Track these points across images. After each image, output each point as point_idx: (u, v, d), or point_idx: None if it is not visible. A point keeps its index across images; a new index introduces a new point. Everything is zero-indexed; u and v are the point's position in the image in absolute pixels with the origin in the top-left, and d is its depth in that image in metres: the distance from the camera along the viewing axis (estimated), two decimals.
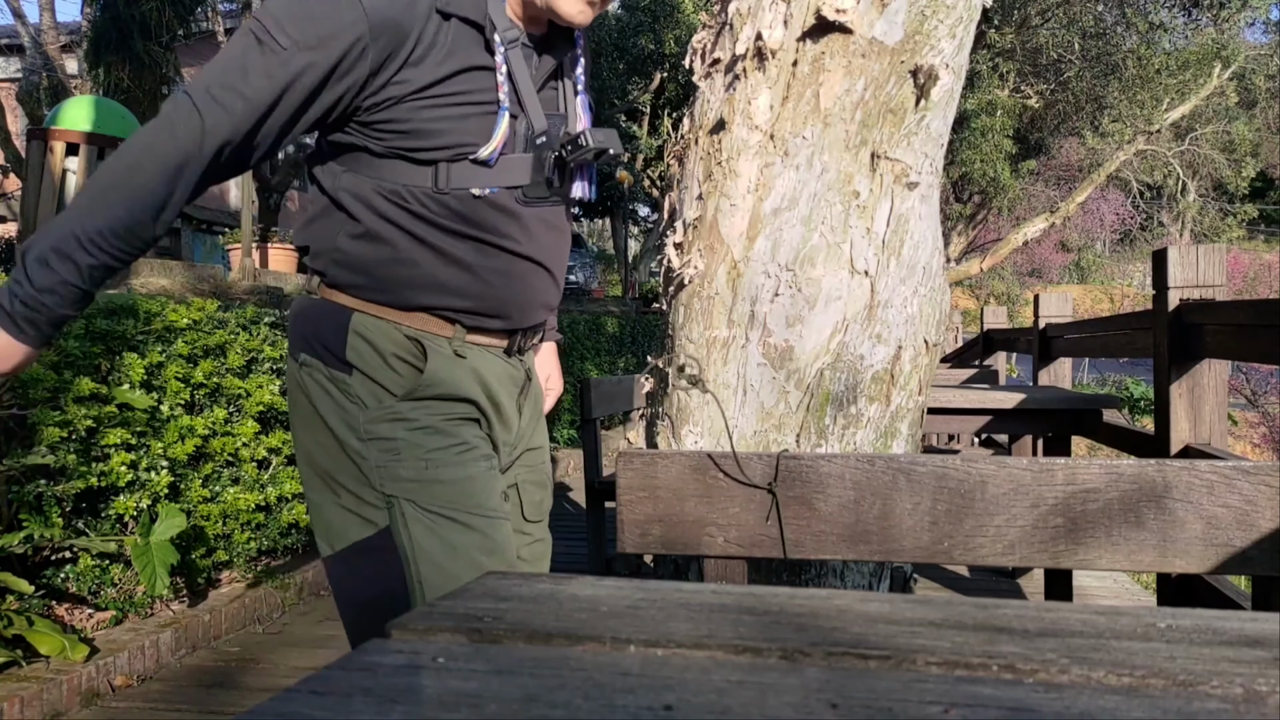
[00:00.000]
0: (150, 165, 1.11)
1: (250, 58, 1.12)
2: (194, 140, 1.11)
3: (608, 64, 18.22)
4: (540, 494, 1.46)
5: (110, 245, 1.11)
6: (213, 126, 1.11)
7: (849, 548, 1.34)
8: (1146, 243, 30.57)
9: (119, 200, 1.10)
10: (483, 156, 1.20)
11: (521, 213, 1.26)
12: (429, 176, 1.20)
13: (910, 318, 1.73)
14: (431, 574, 1.22)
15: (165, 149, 1.11)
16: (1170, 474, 1.28)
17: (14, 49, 16.54)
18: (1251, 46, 19.53)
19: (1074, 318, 4.84)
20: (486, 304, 1.28)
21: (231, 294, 6.08)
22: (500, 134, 1.21)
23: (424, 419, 1.23)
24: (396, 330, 1.25)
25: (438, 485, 1.22)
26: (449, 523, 1.22)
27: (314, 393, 1.26)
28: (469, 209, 1.22)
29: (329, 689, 0.46)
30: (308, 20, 1.12)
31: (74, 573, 2.74)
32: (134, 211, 1.11)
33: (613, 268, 24.92)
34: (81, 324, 2.81)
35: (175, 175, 1.11)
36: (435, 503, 1.22)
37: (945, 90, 1.69)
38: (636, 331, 10.47)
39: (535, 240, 1.29)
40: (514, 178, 1.24)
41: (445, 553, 1.22)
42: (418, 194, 1.21)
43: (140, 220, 1.12)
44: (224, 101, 1.11)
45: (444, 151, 1.19)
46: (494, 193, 1.23)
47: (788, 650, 0.52)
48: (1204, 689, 0.48)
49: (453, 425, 1.25)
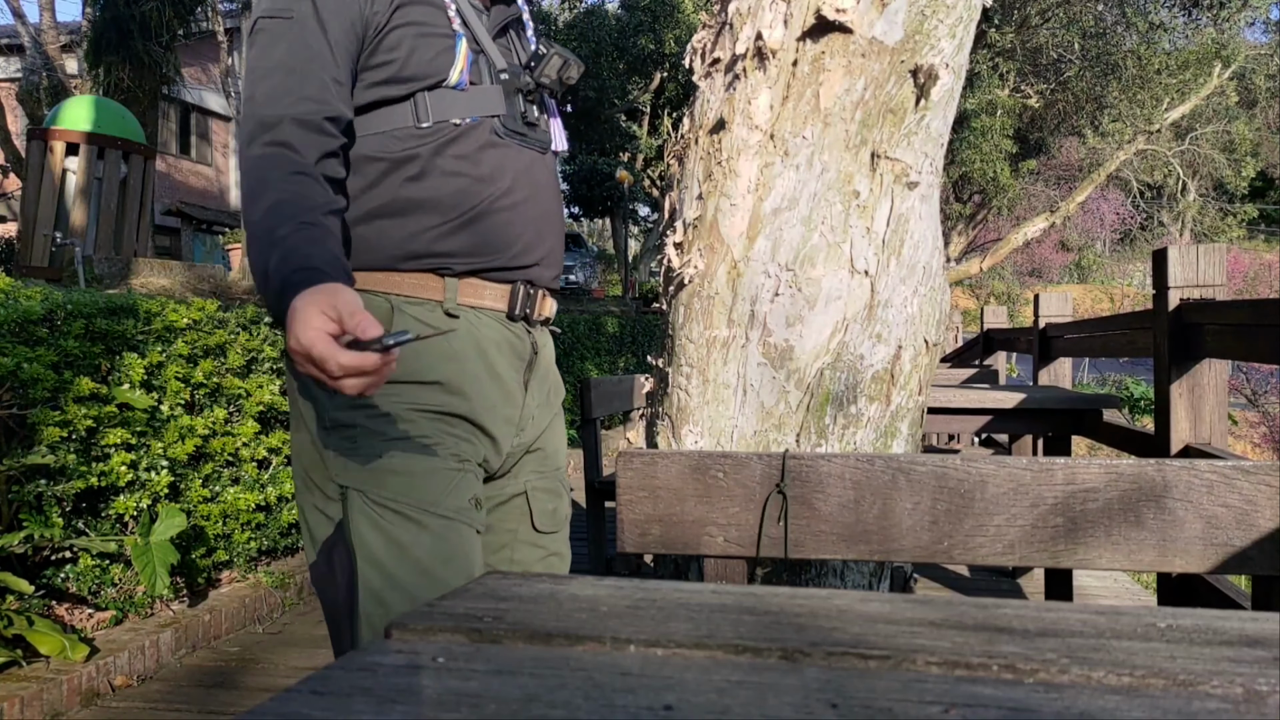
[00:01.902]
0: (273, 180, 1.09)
1: (270, 47, 1.14)
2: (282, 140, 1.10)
3: (608, 64, 18.23)
4: (554, 502, 1.35)
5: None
6: (287, 110, 1.11)
7: (849, 547, 1.34)
8: (1146, 242, 30.57)
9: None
10: (453, 81, 1.21)
11: (505, 146, 1.25)
12: (409, 114, 1.20)
13: (910, 317, 1.73)
14: (371, 575, 1.13)
15: (268, 165, 1.10)
16: (1170, 474, 1.28)
17: (14, 49, 16.56)
18: (1251, 46, 19.52)
19: (1074, 317, 4.84)
20: (479, 241, 1.22)
21: (231, 294, 6.08)
22: (462, 56, 1.21)
23: (386, 405, 1.16)
24: (386, 301, 1.20)
25: (390, 476, 1.14)
26: (397, 517, 1.13)
27: (295, 386, 1.23)
28: (453, 143, 1.21)
29: (329, 689, 0.46)
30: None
31: (74, 573, 2.74)
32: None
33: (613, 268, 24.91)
34: (81, 324, 2.81)
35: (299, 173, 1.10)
36: (385, 494, 1.14)
37: (945, 90, 1.69)
38: (636, 331, 10.47)
39: (524, 177, 1.27)
40: (489, 106, 1.24)
41: (389, 551, 1.13)
42: (400, 135, 1.20)
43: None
44: (284, 87, 1.12)
45: (417, 81, 1.19)
46: (474, 121, 1.22)
47: (788, 650, 0.52)
48: (1204, 689, 0.48)
49: (418, 414, 1.17)
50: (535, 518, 1.33)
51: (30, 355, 2.62)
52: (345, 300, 0.95)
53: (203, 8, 12.16)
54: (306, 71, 1.13)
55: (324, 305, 0.94)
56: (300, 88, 1.12)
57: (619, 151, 19.52)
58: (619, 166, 18.36)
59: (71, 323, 2.79)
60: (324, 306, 0.94)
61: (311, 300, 0.95)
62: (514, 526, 1.32)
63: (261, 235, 1.05)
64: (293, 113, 1.11)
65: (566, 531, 1.39)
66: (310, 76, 1.13)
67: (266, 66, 1.14)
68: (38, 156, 7.40)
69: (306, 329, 0.94)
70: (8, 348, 2.59)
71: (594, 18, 18.88)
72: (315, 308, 0.94)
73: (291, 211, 1.05)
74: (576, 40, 18.03)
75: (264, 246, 1.04)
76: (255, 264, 1.05)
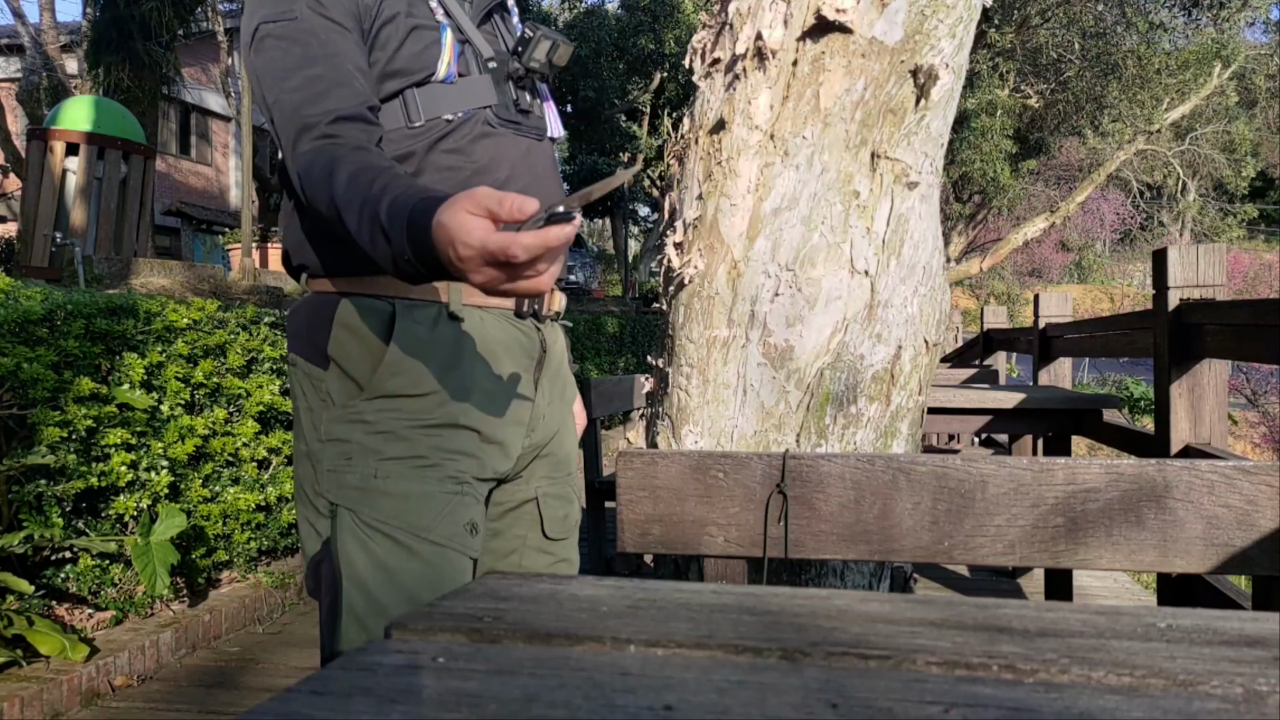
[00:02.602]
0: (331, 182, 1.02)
1: (283, 51, 1.10)
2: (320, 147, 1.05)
3: (608, 64, 18.24)
4: (565, 509, 1.32)
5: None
6: (313, 118, 1.06)
7: (849, 547, 1.34)
8: (1146, 242, 30.59)
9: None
10: (441, 74, 1.17)
11: (501, 135, 1.22)
12: (399, 114, 1.16)
13: (910, 317, 1.73)
14: (356, 598, 1.09)
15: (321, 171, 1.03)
16: (1171, 474, 1.28)
17: (14, 49, 16.56)
18: (1251, 46, 19.53)
19: (1074, 317, 4.84)
20: None
21: (231, 294, 6.08)
22: (449, 47, 1.18)
23: (385, 423, 1.12)
24: (388, 305, 1.15)
25: (382, 497, 1.10)
26: (387, 541, 1.09)
27: (296, 393, 1.19)
28: (446, 138, 1.18)
29: (329, 689, 0.46)
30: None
31: (74, 573, 2.74)
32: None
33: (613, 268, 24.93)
34: (81, 324, 2.81)
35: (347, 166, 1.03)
36: (376, 516, 1.10)
37: (945, 90, 1.69)
38: (636, 331, 10.47)
39: (522, 165, 1.23)
40: (480, 97, 1.20)
41: (375, 575, 1.09)
42: (394, 136, 1.16)
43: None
44: (302, 91, 1.08)
45: (405, 77, 1.16)
46: (466, 115, 1.19)
47: (788, 650, 0.52)
48: (1204, 689, 0.48)
49: (417, 431, 1.12)
50: (546, 525, 1.29)
51: (30, 355, 2.62)
52: (483, 194, 0.85)
53: (203, 8, 12.17)
54: (332, 66, 1.10)
55: (467, 205, 0.85)
56: (331, 84, 1.09)
57: (619, 151, 19.53)
58: (619, 166, 18.37)
59: (71, 323, 2.79)
60: (468, 206, 0.85)
61: (452, 209, 0.86)
62: (524, 533, 1.28)
63: (354, 200, 0.98)
64: (333, 108, 1.07)
65: (576, 537, 1.35)
66: (338, 70, 1.10)
67: (286, 69, 1.10)
68: (38, 156, 7.41)
69: (467, 231, 0.84)
70: (8, 348, 2.59)
71: (594, 18, 18.89)
72: (461, 211, 0.85)
73: (373, 173, 0.99)
74: (577, 40, 18.03)
75: (364, 206, 0.96)
76: (359, 227, 0.97)
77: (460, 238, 0.84)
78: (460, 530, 1.13)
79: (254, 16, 1.13)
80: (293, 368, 1.21)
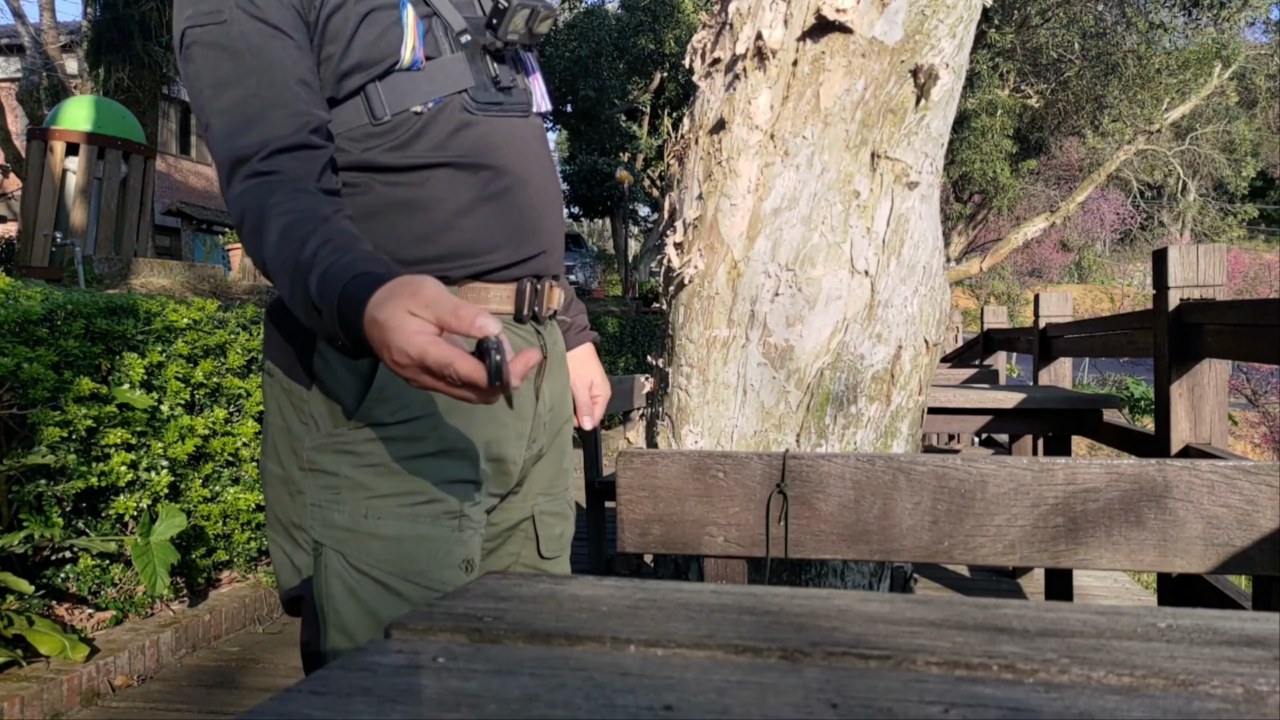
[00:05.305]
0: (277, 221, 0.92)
1: (212, 63, 0.98)
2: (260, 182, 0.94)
3: (608, 64, 18.24)
4: (560, 526, 1.26)
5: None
6: (253, 142, 0.95)
7: (849, 547, 1.34)
8: (1146, 242, 30.59)
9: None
10: (405, 61, 1.03)
11: (481, 122, 1.08)
12: (362, 111, 1.03)
13: (910, 317, 1.73)
14: (342, 644, 1.01)
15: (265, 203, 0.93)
16: (1171, 474, 1.28)
17: (14, 49, 16.56)
18: (1251, 46, 19.54)
19: (1074, 317, 4.84)
20: (473, 237, 1.07)
21: (231, 293, 6.09)
22: (411, 27, 1.03)
23: (376, 454, 1.02)
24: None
25: (373, 540, 1.01)
26: (376, 586, 1.01)
27: (271, 408, 1.08)
28: (420, 135, 1.04)
29: (329, 689, 0.46)
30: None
31: (74, 573, 2.74)
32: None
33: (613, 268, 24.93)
34: (81, 324, 2.81)
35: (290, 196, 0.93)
36: (366, 560, 1.01)
37: (945, 90, 1.69)
38: (636, 331, 10.47)
39: (510, 151, 1.10)
40: (453, 82, 1.06)
41: (362, 623, 1.01)
42: (355, 136, 1.04)
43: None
44: (243, 112, 0.96)
45: (365, 71, 1.02)
46: (438, 104, 1.05)
47: (788, 650, 0.52)
48: (1204, 689, 0.47)
49: (411, 465, 1.03)
50: (541, 544, 1.23)
51: (30, 355, 2.62)
52: (432, 294, 0.77)
53: None
54: (267, 81, 0.96)
55: (409, 305, 0.77)
56: (266, 105, 0.96)
57: (619, 151, 19.53)
58: (619, 166, 18.38)
59: (71, 323, 2.79)
60: (410, 306, 0.77)
61: (393, 303, 0.78)
62: (517, 550, 1.23)
63: (284, 265, 0.88)
64: (268, 138, 0.95)
65: (568, 553, 1.31)
66: (273, 86, 0.96)
67: (215, 84, 0.96)
68: (38, 156, 7.41)
69: (405, 338, 0.76)
70: (8, 348, 2.59)
71: (594, 18, 18.89)
72: (401, 310, 0.77)
73: (307, 228, 0.89)
74: (576, 40, 18.04)
75: (294, 275, 0.87)
76: (293, 297, 0.88)
77: (396, 342, 0.77)
78: (455, 572, 1.05)
79: (180, 18, 0.99)
80: (269, 377, 1.09)
